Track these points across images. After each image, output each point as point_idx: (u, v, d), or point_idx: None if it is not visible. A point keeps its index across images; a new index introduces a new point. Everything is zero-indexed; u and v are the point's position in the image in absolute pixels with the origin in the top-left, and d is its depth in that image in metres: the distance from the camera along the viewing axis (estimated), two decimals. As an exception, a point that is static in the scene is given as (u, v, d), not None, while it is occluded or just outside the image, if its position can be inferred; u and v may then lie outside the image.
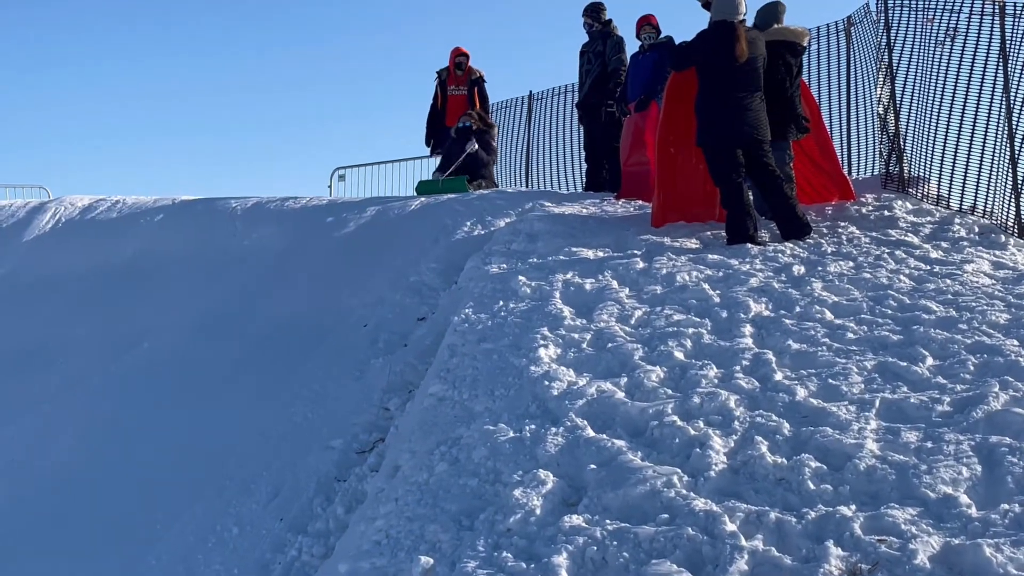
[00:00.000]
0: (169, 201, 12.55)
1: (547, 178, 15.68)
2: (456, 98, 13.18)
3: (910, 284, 6.45)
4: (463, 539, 3.94)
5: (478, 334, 6.22)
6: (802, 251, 7.42)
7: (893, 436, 4.26)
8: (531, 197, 10.80)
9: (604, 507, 3.98)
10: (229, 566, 5.51)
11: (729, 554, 3.49)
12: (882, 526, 3.57)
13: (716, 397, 4.80)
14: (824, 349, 5.37)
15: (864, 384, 4.88)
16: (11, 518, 6.70)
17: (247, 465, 6.49)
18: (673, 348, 5.56)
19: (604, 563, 3.60)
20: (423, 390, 5.81)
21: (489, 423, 4.90)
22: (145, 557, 5.88)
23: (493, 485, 4.33)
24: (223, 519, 5.97)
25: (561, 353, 5.71)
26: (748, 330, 5.78)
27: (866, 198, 9.01)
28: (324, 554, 5.07)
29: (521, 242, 8.33)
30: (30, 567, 6.16)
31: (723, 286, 6.63)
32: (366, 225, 10.28)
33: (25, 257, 11.78)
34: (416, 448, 4.92)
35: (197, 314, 9.20)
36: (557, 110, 15.61)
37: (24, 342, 9.54)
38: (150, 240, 11.32)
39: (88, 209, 12.75)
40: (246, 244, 10.68)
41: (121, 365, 8.60)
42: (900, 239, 7.62)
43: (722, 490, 4.00)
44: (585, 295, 6.74)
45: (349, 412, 6.64)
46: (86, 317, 9.81)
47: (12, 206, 13.62)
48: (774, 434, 4.37)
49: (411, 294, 8.25)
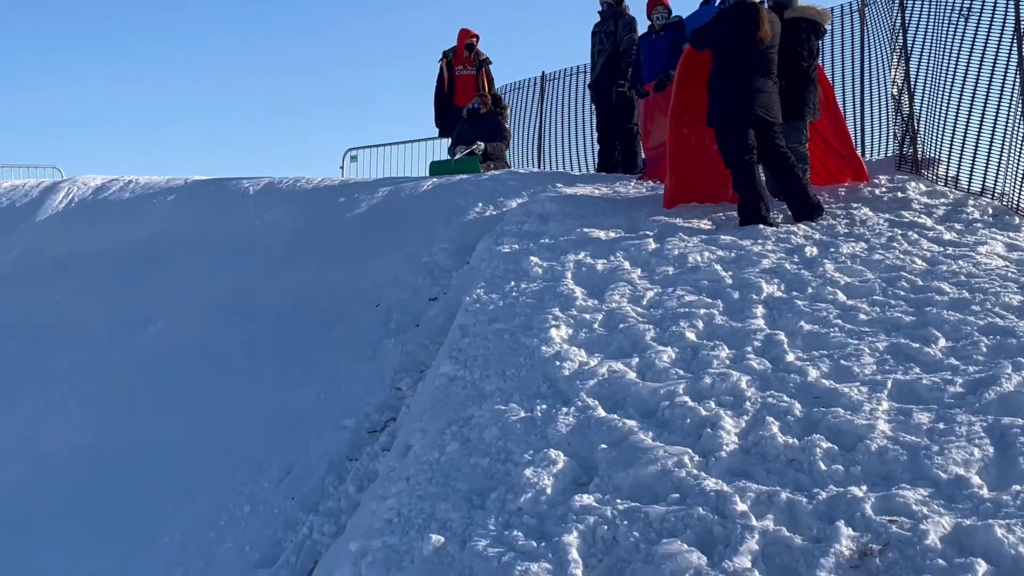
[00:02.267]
0: (181, 182, 12.55)
1: (559, 159, 15.66)
2: (463, 78, 13.16)
3: (923, 265, 6.43)
4: (474, 518, 3.95)
5: (490, 314, 6.23)
6: (814, 232, 7.40)
7: (905, 417, 4.25)
8: (543, 178, 10.79)
9: (615, 487, 3.98)
10: (241, 544, 5.54)
11: (740, 534, 3.50)
12: (893, 507, 3.57)
13: (727, 378, 4.79)
14: (836, 330, 5.36)
15: (876, 365, 4.87)
16: (26, 496, 6.74)
17: (259, 444, 6.51)
18: (685, 329, 5.55)
19: (615, 542, 3.61)
20: (434, 370, 5.82)
21: (500, 403, 4.91)
22: (158, 535, 5.91)
23: (504, 464, 4.34)
24: (235, 498, 5.99)
25: (572, 333, 5.72)
26: (760, 311, 5.78)
27: (879, 179, 8.97)
28: (335, 532, 5.09)
29: (533, 223, 8.32)
30: (45, 544, 6.21)
31: (735, 267, 6.62)
32: (378, 206, 10.28)
33: (38, 237, 11.80)
34: (428, 427, 4.93)
35: (210, 294, 9.21)
36: (570, 91, 15.57)
37: (38, 322, 9.57)
38: (163, 221, 11.32)
39: (101, 189, 12.76)
40: (258, 225, 10.68)
41: (134, 345, 8.63)
42: (913, 220, 7.59)
43: (733, 470, 4.00)
44: (597, 276, 6.73)
45: (361, 392, 6.66)
46: (99, 297, 9.83)
47: (25, 186, 13.64)
48: (785, 415, 4.37)
49: (423, 274, 8.26)
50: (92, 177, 13.29)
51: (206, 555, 5.56)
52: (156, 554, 5.75)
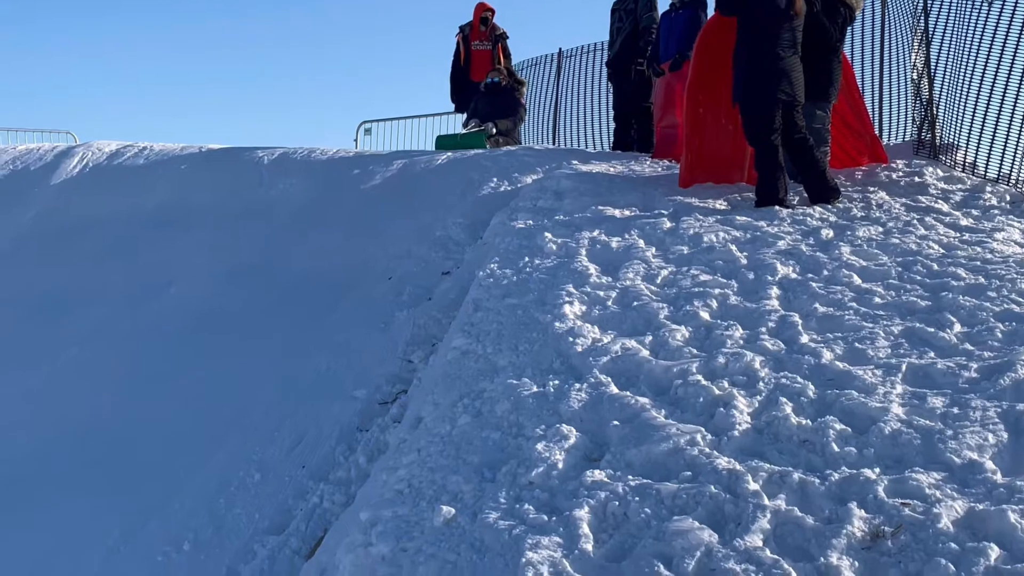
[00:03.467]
0: (196, 149, 12.55)
1: (575, 137, 15.63)
2: (480, 53, 13.13)
3: (939, 251, 6.41)
4: (485, 491, 3.95)
5: (503, 289, 6.22)
6: (831, 215, 7.38)
7: (919, 401, 4.24)
8: (558, 155, 10.77)
9: (627, 463, 3.98)
10: (251, 511, 5.56)
11: (752, 513, 3.49)
12: (906, 490, 3.56)
13: (741, 358, 4.78)
14: (851, 313, 5.35)
15: (891, 349, 4.86)
16: (37, 460, 6.77)
17: (270, 413, 6.53)
18: (699, 308, 5.54)
19: (626, 518, 3.61)
20: (447, 343, 5.82)
21: (512, 377, 4.90)
22: (168, 501, 5.93)
23: (516, 439, 4.33)
24: (246, 465, 6.01)
25: (586, 310, 5.71)
26: (775, 292, 5.76)
27: (897, 164, 8.94)
28: (345, 502, 5.10)
29: (548, 199, 8.30)
30: (55, 510, 6.23)
31: (750, 248, 6.60)
32: (392, 178, 10.27)
33: (52, 201, 11.81)
34: (439, 400, 4.93)
35: (223, 263, 9.22)
36: (587, 69, 15.52)
37: (51, 287, 9.59)
38: (177, 188, 11.33)
39: (115, 155, 12.76)
40: (272, 194, 10.68)
41: (147, 312, 8.65)
42: (930, 206, 7.56)
43: (745, 449, 4.00)
44: (611, 253, 6.72)
45: (372, 363, 6.67)
46: (113, 262, 9.85)
47: (40, 149, 13.64)
48: (799, 396, 4.36)
49: (436, 248, 8.26)
50: (107, 143, 13.29)
51: (216, 521, 5.58)
52: (166, 519, 5.77)
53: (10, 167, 13.01)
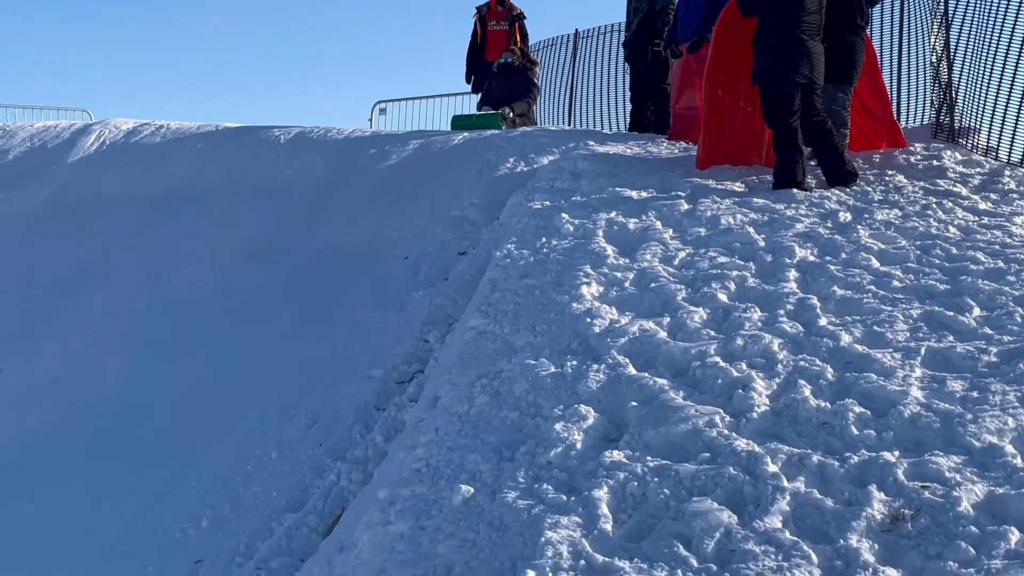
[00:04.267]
0: (212, 128, 12.56)
1: (591, 118, 15.59)
2: (496, 33, 13.09)
3: (958, 234, 6.38)
4: (503, 470, 3.96)
5: (520, 270, 6.22)
6: (849, 198, 7.35)
7: (938, 385, 4.23)
8: (575, 136, 10.73)
9: (645, 444, 3.98)
10: (268, 489, 5.58)
11: (771, 494, 3.50)
12: (926, 473, 3.56)
13: (759, 340, 4.78)
14: (870, 296, 5.33)
15: (910, 332, 4.84)
16: (52, 438, 6.81)
17: (286, 392, 6.54)
18: (716, 290, 5.53)
19: (644, 499, 3.61)
20: (464, 323, 5.82)
21: (530, 358, 4.90)
22: (185, 478, 5.96)
23: (534, 419, 4.34)
24: (263, 443, 6.03)
25: (603, 291, 5.71)
26: (793, 275, 5.74)
27: (915, 147, 8.88)
28: (363, 480, 5.12)
29: (565, 180, 8.29)
30: (71, 486, 6.27)
31: (768, 230, 6.58)
32: (408, 158, 10.27)
33: (69, 179, 11.85)
34: (456, 380, 4.94)
35: (239, 241, 9.24)
36: (603, 50, 15.47)
37: (68, 263, 9.63)
38: (193, 166, 11.35)
39: (132, 133, 12.78)
40: (288, 173, 10.69)
41: (163, 289, 8.68)
42: (948, 189, 7.52)
43: (764, 432, 3.99)
44: (628, 235, 6.71)
45: (389, 343, 6.68)
46: (129, 240, 9.89)
47: (57, 127, 13.67)
48: (817, 378, 4.36)
49: (453, 228, 8.25)
50: (123, 120, 13.31)
51: (233, 499, 5.61)
52: (183, 496, 5.81)
53: (27, 144, 13.05)
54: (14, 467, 6.58)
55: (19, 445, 6.81)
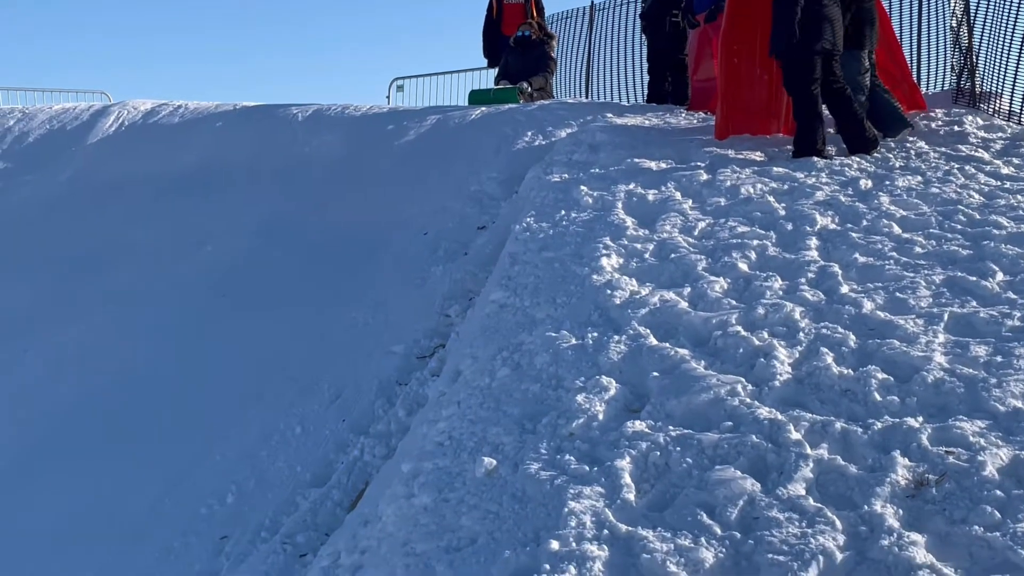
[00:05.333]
0: (231, 107, 12.56)
1: (608, 90, 15.52)
2: (512, 7, 13.04)
3: (980, 199, 6.34)
4: (526, 442, 3.96)
5: (540, 243, 6.21)
6: (869, 165, 7.31)
7: (962, 350, 4.21)
8: (593, 108, 10.70)
9: (667, 414, 3.98)
10: (292, 463, 5.61)
11: (794, 462, 3.49)
12: (950, 438, 3.55)
13: (781, 308, 4.76)
14: (891, 263, 5.31)
15: (932, 298, 4.82)
16: (79, 414, 6.84)
17: (309, 368, 6.56)
18: (737, 259, 5.52)
19: (667, 468, 3.61)
20: (484, 297, 5.82)
21: (551, 330, 4.90)
22: (210, 454, 5.99)
23: (555, 390, 4.34)
24: (286, 419, 6.06)
25: (623, 263, 5.69)
26: (814, 243, 5.72)
27: (936, 113, 8.83)
28: (386, 455, 5.13)
29: (583, 153, 8.26)
30: (98, 464, 6.30)
31: (788, 199, 6.55)
32: (426, 134, 10.25)
33: (89, 160, 11.88)
34: (478, 354, 4.94)
35: (259, 219, 9.25)
36: (619, 21, 15.39)
37: (90, 243, 9.66)
38: (212, 145, 11.35)
39: (151, 113, 12.80)
40: (307, 151, 10.69)
41: (185, 268, 8.70)
42: (970, 154, 7.47)
43: (786, 400, 3.99)
44: (648, 206, 6.69)
45: (410, 318, 6.68)
46: (150, 220, 9.90)
47: (76, 109, 13.70)
48: (840, 346, 4.34)
49: (472, 203, 8.25)
50: (142, 101, 13.32)
51: (258, 473, 5.63)
52: (208, 472, 5.83)
53: (47, 127, 13.08)
54: (40, 446, 6.62)
55: (44, 424, 6.85)
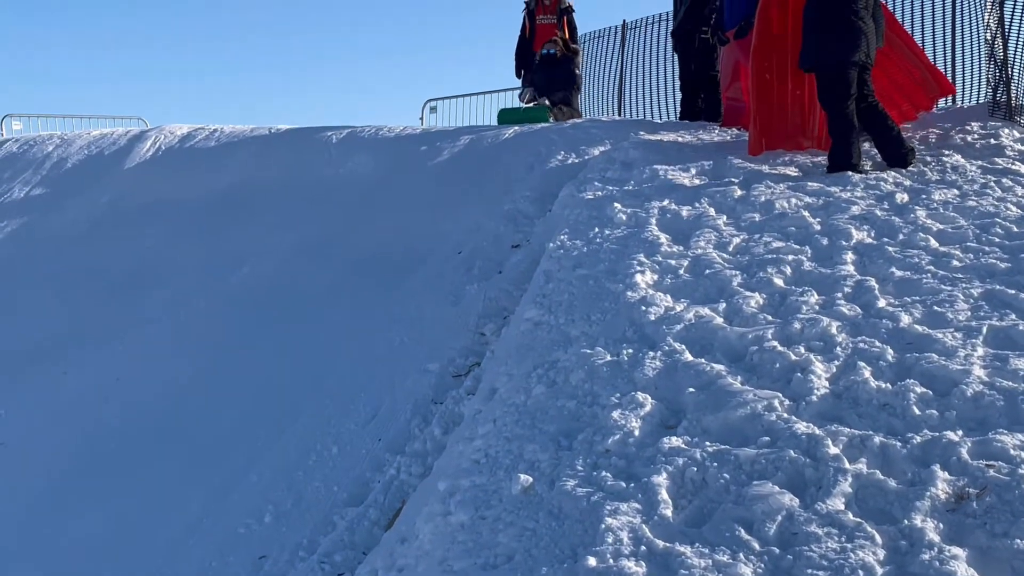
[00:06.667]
0: (266, 130, 12.67)
1: (641, 108, 15.54)
2: (545, 27, 13.08)
3: (1018, 212, 6.28)
4: (562, 459, 3.95)
5: (574, 260, 6.21)
6: (905, 179, 7.26)
7: (1001, 363, 4.17)
8: (626, 126, 10.71)
9: (703, 429, 3.96)
10: (329, 483, 5.62)
11: (832, 476, 3.46)
12: (990, 451, 3.50)
13: (817, 323, 4.73)
14: (929, 276, 5.27)
15: (971, 311, 4.77)
16: (120, 435, 6.91)
17: (345, 386, 6.59)
18: (772, 275, 5.49)
19: (704, 484, 3.60)
20: (519, 315, 5.82)
21: (586, 347, 4.90)
22: (247, 473, 6.02)
23: (591, 407, 4.33)
24: (323, 438, 6.08)
25: (658, 279, 5.68)
26: (850, 257, 5.69)
27: (972, 127, 8.76)
28: (422, 473, 5.14)
29: (616, 170, 8.27)
30: (138, 482, 6.35)
31: (823, 213, 6.52)
32: (460, 154, 10.30)
33: (128, 184, 12.01)
34: (513, 371, 4.94)
35: (295, 240, 9.32)
36: (651, 40, 15.42)
37: (129, 265, 9.77)
38: (248, 168, 11.46)
39: (187, 138, 12.93)
40: (341, 172, 10.76)
41: (223, 288, 8.77)
42: (1007, 167, 7.40)
43: (824, 414, 3.96)
44: (681, 222, 6.68)
45: (445, 337, 6.70)
46: (188, 242, 10.00)
47: (113, 134, 13.87)
48: (877, 360, 4.31)
49: (505, 222, 8.26)
50: (178, 126, 13.47)
51: (295, 493, 5.65)
52: (246, 491, 5.86)
53: (85, 152, 13.25)
54: (82, 465, 6.69)
55: (86, 444, 6.91)
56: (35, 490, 6.61)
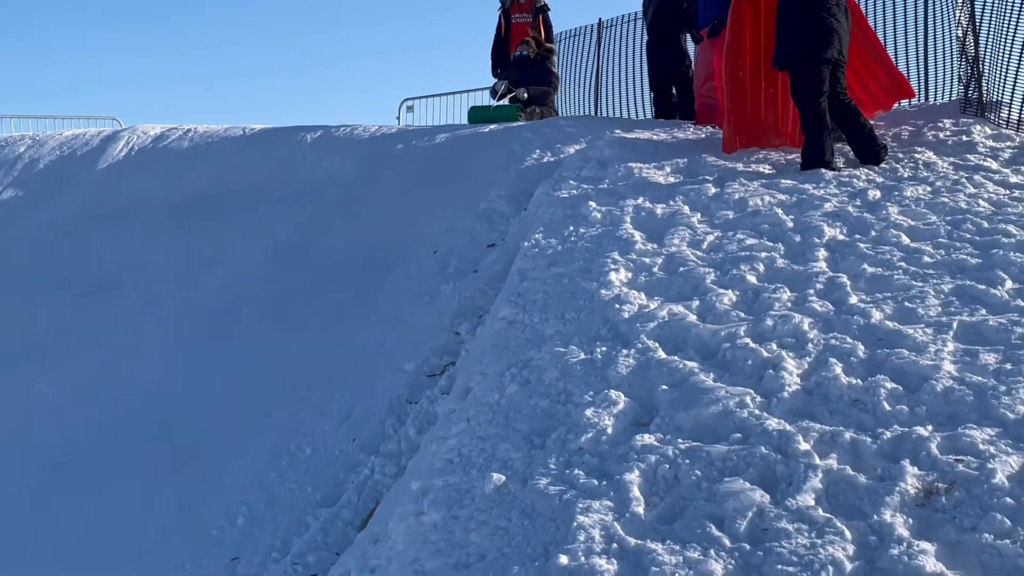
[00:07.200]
0: (240, 131, 12.60)
1: (616, 107, 15.53)
2: (520, 26, 13.06)
3: (989, 208, 6.31)
4: (535, 457, 3.96)
5: (548, 258, 6.21)
6: (878, 176, 7.29)
7: (971, 358, 4.19)
8: (601, 124, 10.71)
9: (676, 427, 3.97)
10: (303, 484, 5.62)
11: (803, 472, 3.48)
12: (959, 446, 3.53)
13: (789, 320, 4.75)
14: (900, 273, 5.29)
15: (941, 307, 4.80)
16: (93, 437, 6.87)
17: (319, 387, 6.57)
18: (745, 272, 5.50)
19: (676, 481, 3.60)
20: (493, 314, 5.82)
21: (560, 345, 4.90)
22: (221, 475, 6.01)
23: (564, 405, 4.34)
24: (297, 439, 6.07)
25: (632, 277, 5.69)
26: (822, 254, 5.71)
27: (944, 123, 8.80)
28: (396, 473, 5.14)
29: (591, 168, 8.27)
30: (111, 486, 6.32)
31: (796, 211, 6.54)
32: (436, 153, 10.27)
33: (100, 185, 11.92)
34: (487, 370, 4.94)
35: (270, 241, 9.28)
36: (627, 38, 15.42)
37: (102, 267, 9.70)
38: (222, 168, 11.39)
39: (160, 138, 12.85)
40: (316, 172, 10.71)
41: (196, 291, 8.73)
42: (978, 164, 7.44)
43: (795, 411, 3.97)
44: (656, 220, 6.69)
45: (420, 337, 6.69)
46: (161, 243, 9.94)
47: (86, 135, 13.77)
48: (849, 356, 4.33)
49: (481, 221, 8.26)
50: (151, 126, 13.38)
51: (268, 495, 5.64)
52: (219, 494, 5.85)
53: (57, 152, 13.16)
54: (54, 469, 6.65)
55: (59, 448, 6.87)
56: (8, 495, 6.56)
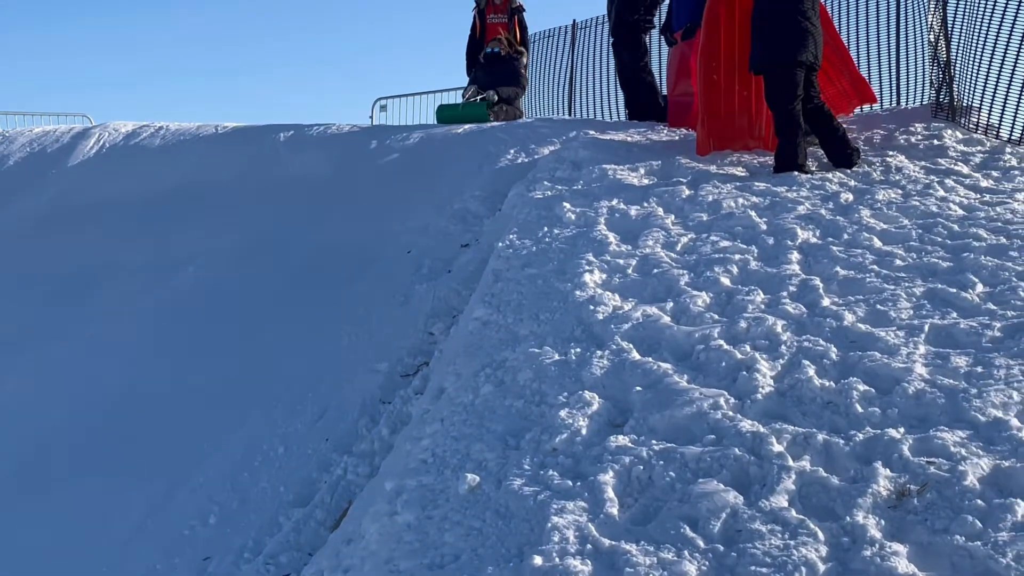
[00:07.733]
0: (212, 128, 12.54)
1: (591, 108, 15.57)
2: (495, 26, 13.03)
3: (960, 212, 6.37)
4: (509, 458, 3.96)
5: (523, 259, 6.22)
6: (850, 179, 7.35)
7: (942, 361, 4.23)
8: (575, 126, 10.73)
9: (650, 428, 3.98)
10: (275, 484, 5.59)
11: (776, 474, 3.50)
12: (931, 448, 3.56)
13: (763, 322, 4.78)
14: (872, 275, 5.33)
15: (913, 310, 4.84)
16: (63, 437, 6.81)
17: (292, 387, 6.54)
18: (719, 274, 5.53)
19: (650, 482, 3.62)
20: (468, 314, 5.82)
21: (534, 346, 4.91)
22: (192, 475, 5.97)
23: (539, 406, 4.35)
24: (270, 439, 6.04)
25: (606, 278, 5.71)
26: (795, 257, 5.75)
27: (916, 127, 8.87)
28: (369, 473, 5.12)
29: (566, 169, 8.28)
30: (82, 486, 6.27)
31: (770, 213, 6.58)
32: (410, 152, 10.26)
33: (70, 182, 11.83)
34: (461, 371, 4.94)
35: (242, 240, 9.23)
36: (601, 39, 15.46)
37: (71, 266, 9.62)
38: (194, 166, 11.33)
39: (132, 135, 12.77)
40: (290, 171, 10.68)
41: (168, 289, 8.67)
42: (950, 168, 7.51)
43: (769, 412, 4.00)
44: (630, 222, 6.71)
45: (393, 337, 6.68)
46: (132, 242, 9.87)
47: (56, 131, 13.66)
48: (822, 358, 4.35)
49: (455, 221, 8.25)
50: (123, 123, 13.29)
51: (240, 494, 5.61)
52: (191, 493, 5.81)
53: (27, 149, 13.05)
54: (24, 468, 6.59)
55: (28, 447, 6.82)
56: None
